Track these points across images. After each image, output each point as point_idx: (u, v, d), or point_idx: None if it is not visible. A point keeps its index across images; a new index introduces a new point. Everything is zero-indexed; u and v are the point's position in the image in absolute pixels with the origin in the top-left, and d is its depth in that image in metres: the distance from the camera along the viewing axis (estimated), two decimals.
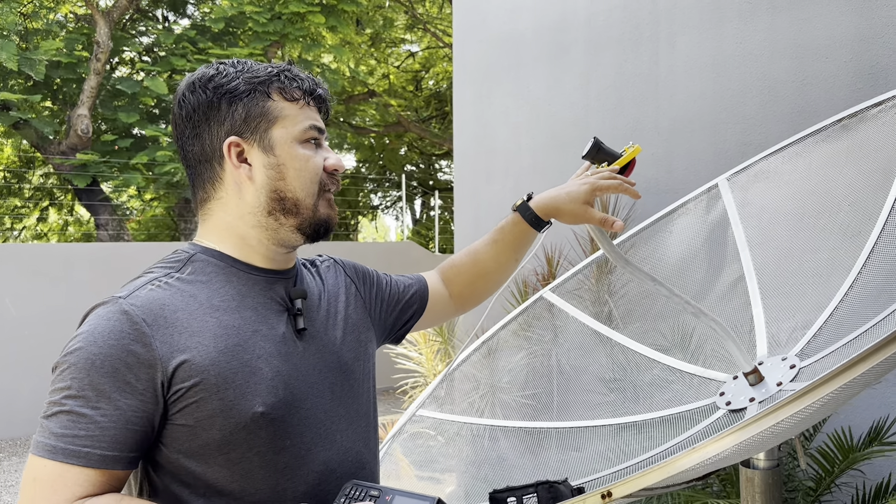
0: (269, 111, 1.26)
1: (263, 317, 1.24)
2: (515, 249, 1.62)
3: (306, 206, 1.27)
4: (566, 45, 4.80)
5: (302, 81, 1.30)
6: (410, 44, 16.99)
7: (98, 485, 1.10)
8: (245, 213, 1.27)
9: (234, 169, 1.26)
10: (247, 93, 1.25)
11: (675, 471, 0.91)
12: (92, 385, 1.10)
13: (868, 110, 1.88)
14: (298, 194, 1.27)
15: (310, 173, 1.27)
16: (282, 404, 1.20)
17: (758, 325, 1.79)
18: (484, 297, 1.70)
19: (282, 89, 1.27)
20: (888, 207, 1.69)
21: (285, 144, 1.26)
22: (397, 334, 1.61)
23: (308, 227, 1.29)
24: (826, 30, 3.55)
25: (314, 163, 1.28)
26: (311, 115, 1.30)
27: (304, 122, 1.28)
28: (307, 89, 1.30)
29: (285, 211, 1.27)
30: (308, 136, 1.28)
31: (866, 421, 3.18)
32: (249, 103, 1.25)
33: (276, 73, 1.28)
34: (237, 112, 1.25)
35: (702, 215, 2.13)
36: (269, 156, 1.26)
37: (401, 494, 1.10)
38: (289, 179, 1.26)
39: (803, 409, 0.90)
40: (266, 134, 1.26)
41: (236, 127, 1.25)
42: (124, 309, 1.14)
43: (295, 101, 1.28)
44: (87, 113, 11.15)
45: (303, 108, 1.29)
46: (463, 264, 1.66)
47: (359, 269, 1.54)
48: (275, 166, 1.26)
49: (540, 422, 2.11)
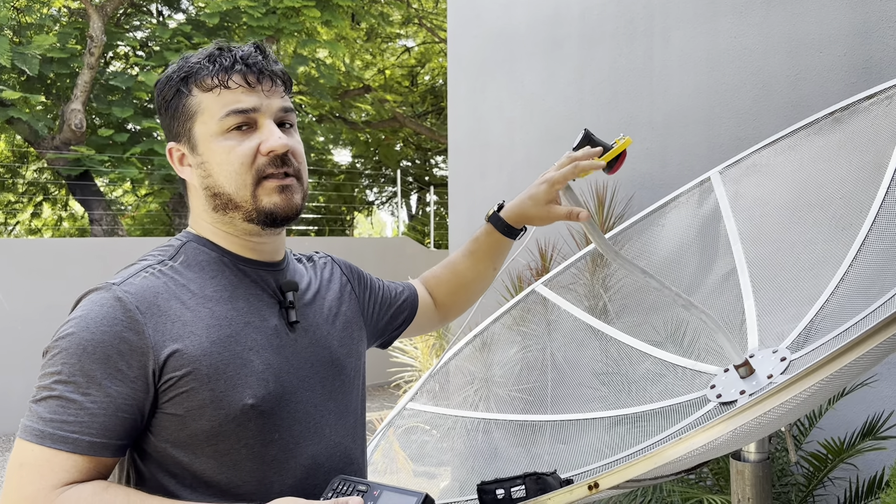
0: (188, 108, 1.22)
1: (255, 308, 1.24)
2: (492, 259, 1.63)
3: (243, 199, 1.21)
4: (560, 39, 4.79)
5: (218, 64, 1.21)
6: (406, 39, 16.96)
7: (85, 471, 1.10)
8: (202, 212, 1.27)
9: (180, 172, 1.27)
10: (172, 95, 1.23)
11: (661, 461, 0.91)
12: (83, 371, 1.09)
13: (860, 103, 1.88)
14: (227, 189, 1.21)
15: (233, 165, 1.20)
16: (272, 397, 1.19)
17: (749, 318, 1.79)
18: (465, 307, 1.72)
19: (197, 81, 1.21)
20: (879, 200, 1.69)
21: (206, 140, 1.21)
22: (387, 338, 1.61)
23: (256, 218, 1.22)
24: (820, 24, 3.55)
25: (238, 152, 1.20)
26: (229, 99, 1.20)
27: (221, 111, 1.20)
28: (226, 67, 1.20)
29: (224, 206, 1.23)
30: (227, 125, 1.20)
31: (860, 416, 3.18)
32: (175, 104, 1.23)
33: (195, 63, 1.22)
34: (169, 117, 1.25)
35: (694, 209, 2.13)
36: (195, 155, 1.23)
37: (388, 490, 1.10)
38: (215, 175, 1.21)
39: (789, 399, 0.90)
40: (191, 133, 1.23)
41: (172, 133, 1.26)
42: (118, 296, 1.13)
43: (211, 89, 1.20)
44: (81, 108, 11.11)
45: (220, 95, 1.20)
46: (443, 275, 1.67)
47: (354, 270, 1.54)
48: (201, 165, 1.23)
49: (533, 415, 2.11)
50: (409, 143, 17.94)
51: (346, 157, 18.96)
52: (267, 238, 1.28)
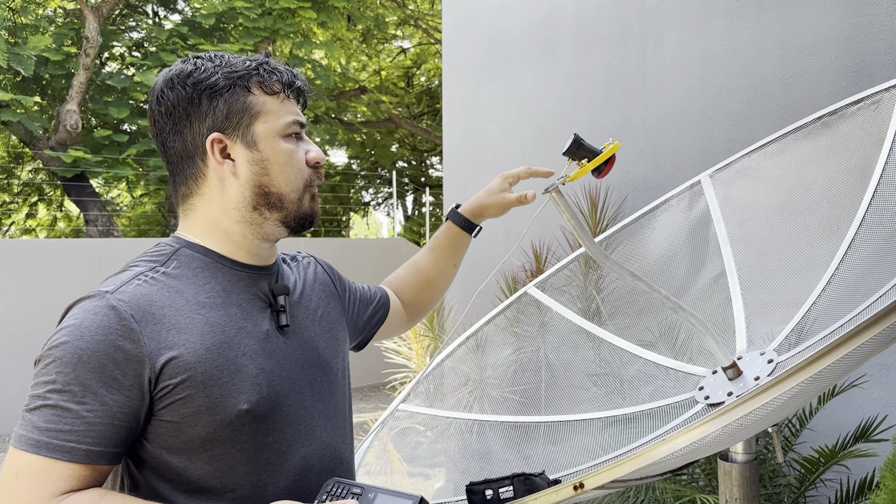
0: (251, 106, 1.25)
1: (248, 313, 1.25)
2: (452, 254, 1.72)
3: (291, 201, 1.27)
4: (555, 41, 4.81)
5: (281, 74, 1.29)
6: (402, 40, 16.97)
7: (82, 479, 1.10)
8: (229, 209, 1.26)
9: (218, 165, 1.25)
10: (227, 88, 1.24)
11: (646, 462, 0.93)
12: (78, 380, 1.09)
13: (848, 108, 1.90)
14: (283, 189, 1.27)
15: (294, 168, 1.27)
16: (265, 401, 1.21)
17: (738, 321, 1.80)
18: (430, 305, 1.78)
19: (261, 83, 1.26)
20: (865, 204, 1.71)
21: (268, 139, 1.26)
22: (361, 339, 1.64)
23: (292, 221, 1.29)
24: (812, 28, 3.57)
25: (297, 157, 1.28)
26: (291, 108, 1.29)
27: (286, 117, 1.27)
28: (286, 82, 1.29)
29: (270, 206, 1.26)
30: (290, 130, 1.28)
31: (851, 417, 3.21)
32: (230, 98, 1.24)
33: (254, 66, 1.27)
34: (218, 108, 1.24)
35: (684, 212, 2.14)
36: (253, 151, 1.25)
37: (383, 492, 1.11)
38: (273, 174, 1.26)
39: (771, 400, 0.92)
40: (248, 129, 1.25)
41: (218, 123, 1.24)
42: (112, 304, 1.13)
43: (275, 94, 1.27)
44: (77, 108, 11.10)
45: (283, 102, 1.28)
46: (407, 275, 1.75)
47: (335, 271, 1.57)
48: (259, 161, 1.25)
49: (527, 416, 2.12)
50: (405, 144, 17.95)
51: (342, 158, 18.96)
52: (271, 245, 1.33)
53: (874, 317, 0.93)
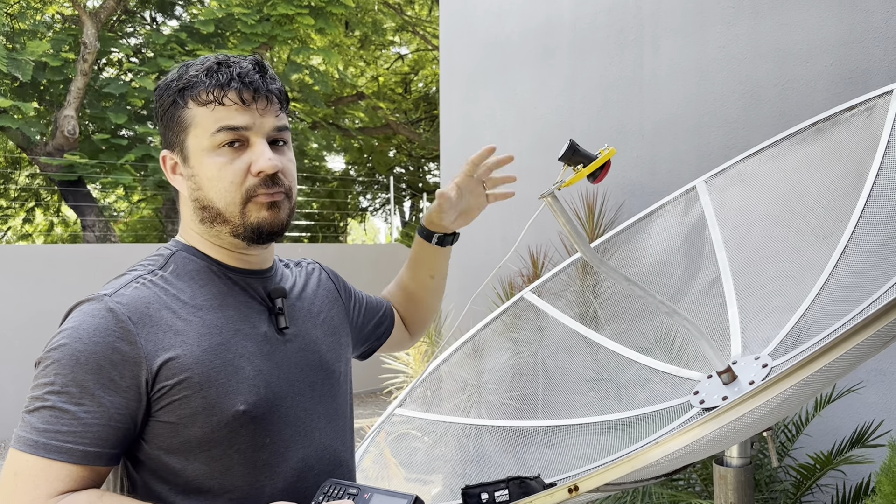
0: (183, 120, 1.23)
1: (245, 315, 1.26)
2: (428, 268, 1.68)
3: (231, 214, 1.23)
4: (552, 48, 4.83)
5: (215, 79, 1.21)
6: (399, 46, 17.01)
7: (79, 480, 1.11)
8: (190, 221, 1.29)
9: (172, 180, 1.29)
10: (170, 103, 1.24)
11: (640, 465, 0.94)
12: (76, 381, 1.11)
13: (842, 114, 1.91)
14: (217, 204, 1.23)
15: (224, 182, 1.21)
16: (263, 402, 1.21)
17: (733, 326, 1.81)
18: (424, 320, 1.76)
19: (193, 95, 1.22)
20: (859, 209, 1.72)
21: (197, 154, 1.23)
22: (367, 348, 1.64)
23: (244, 234, 1.24)
24: (807, 34, 3.59)
25: (229, 171, 1.21)
26: (222, 115, 1.21)
27: (212, 126, 1.20)
28: (222, 83, 1.21)
29: (213, 219, 1.24)
30: (218, 141, 1.21)
31: (847, 422, 3.22)
32: (171, 113, 1.25)
33: (193, 75, 1.23)
34: (165, 125, 1.26)
35: (680, 217, 2.16)
36: (187, 167, 1.25)
37: (379, 492, 1.12)
38: (205, 189, 1.23)
39: (764, 403, 0.92)
40: (184, 144, 1.24)
41: (166, 140, 1.27)
42: (110, 307, 1.15)
43: (204, 104, 1.21)
44: (74, 114, 11.11)
45: (214, 110, 1.21)
46: (394, 292, 1.74)
47: (340, 279, 1.58)
48: (191, 177, 1.25)
49: (524, 421, 2.13)
50: (403, 149, 17.97)
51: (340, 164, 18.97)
52: (254, 250, 1.30)
53: (865, 320, 0.94)
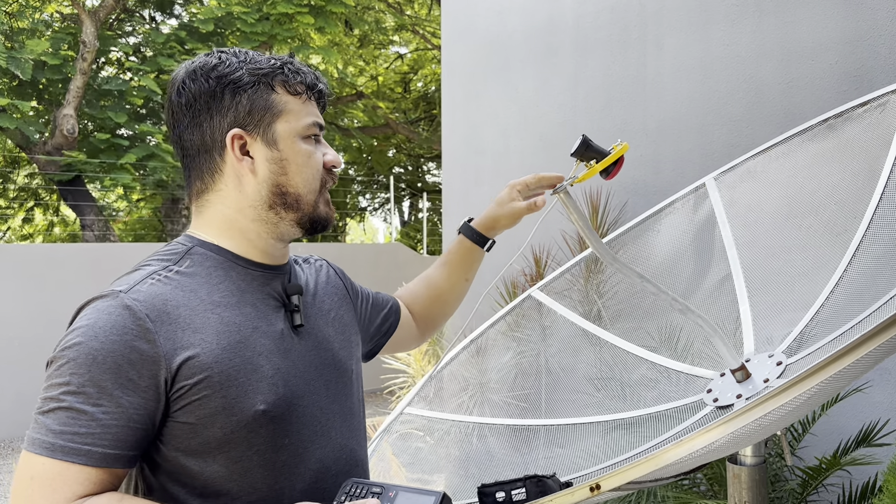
0: (274, 104, 1.25)
1: (262, 313, 1.23)
2: (465, 269, 1.70)
3: (307, 202, 1.27)
4: (554, 46, 4.82)
5: (305, 75, 1.29)
6: (399, 46, 17.00)
7: (98, 483, 1.08)
8: (245, 207, 1.25)
9: (237, 161, 1.24)
10: (251, 84, 1.23)
11: (662, 463, 0.92)
12: (93, 381, 1.07)
13: (853, 110, 1.89)
14: (300, 190, 1.26)
15: (312, 169, 1.27)
16: (282, 402, 1.19)
17: (745, 323, 1.80)
18: (441, 321, 1.76)
19: (285, 82, 1.26)
20: (873, 206, 1.70)
21: (289, 139, 1.25)
22: (372, 347, 1.62)
23: (307, 223, 1.29)
24: (812, 33, 3.58)
25: (315, 159, 1.28)
26: (312, 110, 1.29)
27: (307, 118, 1.27)
28: (309, 83, 1.29)
29: (286, 206, 1.26)
30: (310, 131, 1.28)
31: (853, 422, 3.20)
32: (254, 95, 1.23)
33: (279, 65, 1.27)
34: (241, 104, 1.23)
35: (689, 214, 2.14)
36: (273, 150, 1.24)
37: (404, 490, 1.09)
38: (291, 174, 1.26)
39: (789, 401, 0.91)
40: (270, 127, 1.24)
41: (240, 119, 1.23)
42: (126, 304, 1.11)
43: (298, 95, 1.27)
44: (73, 113, 11.09)
45: (305, 103, 1.28)
46: (418, 289, 1.73)
47: (346, 276, 1.56)
48: (278, 161, 1.25)
49: (528, 419, 2.11)
50: (402, 149, 17.96)
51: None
52: (285, 245, 1.32)
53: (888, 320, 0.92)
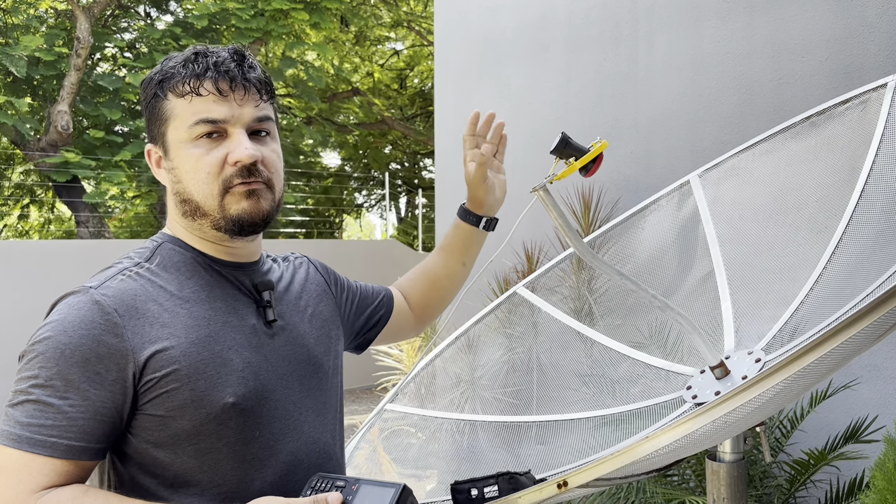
0: (162, 113, 1.23)
1: (233, 308, 1.24)
2: (461, 253, 1.68)
3: (210, 207, 1.22)
4: (546, 43, 4.81)
5: (191, 70, 1.20)
6: (395, 42, 16.98)
7: (64, 475, 1.10)
8: (175, 214, 1.28)
9: (156, 175, 1.28)
10: (152, 96, 1.24)
11: (629, 460, 0.92)
12: (61, 375, 1.09)
13: (836, 107, 1.90)
14: (195, 196, 1.22)
15: (201, 174, 1.20)
16: (252, 395, 1.20)
17: (726, 320, 1.80)
18: (439, 308, 1.74)
19: (172, 86, 1.21)
20: (853, 203, 1.71)
21: (176, 146, 1.22)
22: (362, 340, 1.62)
23: (225, 226, 1.22)
24: (802, 30, 3.58)
25: (206, 161, 1.20)
26: (200, 107, 1.20)
27: (190, 119, 1.20)
28: (198, 73, 1.20)
29: (192, 213, 1.23)
30: (196, 133, 1.20)
31: (842, 418, 3.21)
32: (153, 107, 1.24)
33: (172, 66, 1.22)
34: (148, 118, 1.26)
35: (673, 212, 2.14)
36: (167, 160, 1.25)
37: (367, 483, 1.11)
38: (184, 182, 1.22)
39: (755, 397, 0.91)
40: (164, 137, 1.24)
41: (150, 132, 1.27)
42: (96, 299, 1.13)
43: (182, 96, 1.20)
44: (68, 109, 11.06)
45: (192, 102, 1.20)
46: (416, 277, 1.71)
47: (330, 271, 1.55)
48: (172, 170, 1.24)
49: (517, 416, 2.12)
50: (398, 145, 17.95)
51: (335, 160, 18.94)
52: (239, 243, 1.28)
53: (857, 314, 0.93)
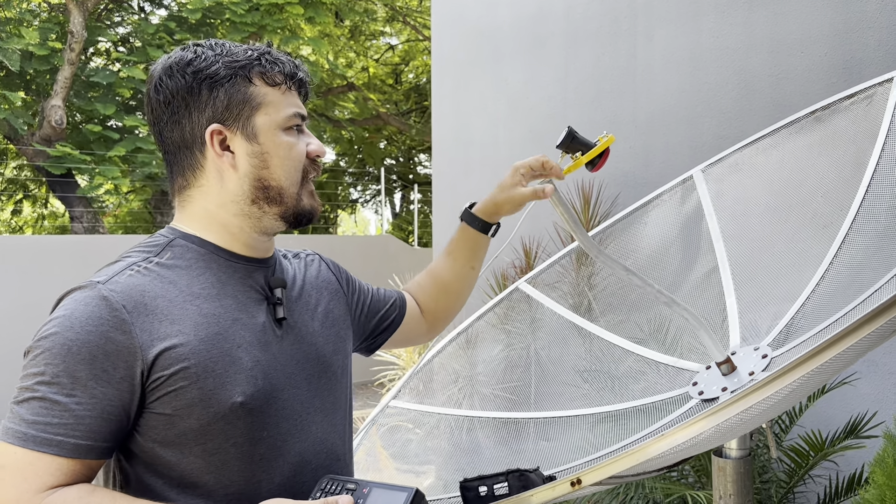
0: (252, 97, 1.22)
1: (243, 305, 1.22)
2: (469, 258, 1.64)
3: (290, 195, 1.25)
4: (544, 37, 4.80)
5: (283, 65, 1.25)
6: (390, 37, 16.93)
7: (70, 474, 1.08)
8: (227, 202, 1.24)
9: (217, 157, 1.22)
10: (228, 78, 1.21)
11: (644, 458, 0.91)
12: (67, 372, 1.07)
13: (840, 102, 1.89)
14: (283, 183, 1.24)
15: (293, 161, 1.25)
16: (260, 394, 1.18)
17: (731, 316, 1.80)
18: (450, 313, 1.71)
19: (263, 74, 1.23)
20: (859, 198, 1.70)
21: (269, 132, 1.23)
22: (372, 343, 1.59)
23: (291, 216, 1.26)
24: (801, 24, 3.57)
25: (297, 150, 1.25)
26: (293, 100, 1.26)
27: (287, 109, 1.24)
28: (288, 73, 1.25)
29: (269, 200, 1.24)
30: (291, 122, 1.25)
31: (841, 413, 3.21)
32: (231, 89, 1.21)
33: (256, 56, 1.24)
34: (219, 98, 1.21)
35: (676, 207, 2.13)
36: (253, 144, 1.22)
37: (378, 486, 1.09)
38: (273, 168, 1.23)
39: (771, 395, 0.90)
40: (249, 121, 1.22)
41: (218, 114, 1.21)
42: (103, 294, 1.11)
43: (277, 86, 1.24)
44: (61, 104, 11.00)
45: (285, 94, 1.25)
46: (424, 282, 1.68)
47: (342, 270, 1.53)
48: (258, 154, 1.23)
49: (517, 412, 2.11)
50: (394, 141, 17.92)
51: (330, 156, 18.89)
52: (269, 238, 1.29)
53: (875, 311, 0.92)
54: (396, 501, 1.04)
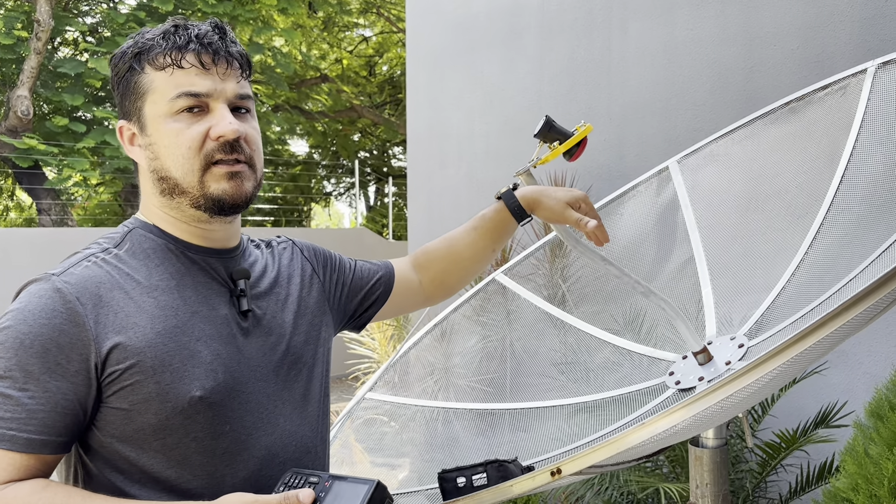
0: (139, 87, 1.17)
1: (204, 297, 1.19)
2: (494, 238, 1.57)
3: (189, 184, 1.17)
4: (519, 29, 4.79)
5: (172, 41, 1.15)
6: (364, 28, 16.83)
7: (24, 469, 1.05)
8: (150, 195, 1.22)
9: (130, 153, 1.22)
10: (126, 70, 1.18)
11: (624, 447, 0.91)
12: (20, 365, 1.05)
13: (815, 93, 1.90)
14: (174, 173, 1.17)
15: (181, 148, 1.15)
16: (221, 388, 1.15)
17: (707, 306, 1.80)
18: (456, 288, 1.64)
19: (150, 59, 1.16)
20: (833, 189, 1.71)
21: (155, 121, 1.17)
22: (358, 321, 1.54)
23: (205, 204, 1.18)
24: (774, 18, 3.60)
25: (186, 136, 1.15)
26: (181, 80, 1.15)
27: (172, 92, 1.15)
28: (179, 46, 1.15)
29: (172, 191, 1.18)
30: (177, 106, 1.15)
31: (812, 403, 3.25)
32: (127, 81, 1.18)
33: (150, 39, 1.17)
34: (120, 93, 1.20)
35: (652, 197, 2.14)
36: (144, 135, 1.19)
37: (340, 479, 1.08)
38: (162, 158, 1.17)
39: (749, 384, 0.90)
40: (141, 112, 1.18)
41: (123, 108, 1.21)
42: (57, 287, 1.08)
43: (162, 68, 1.15)
44: (28, 94, 10.79)
45: (173, 75, 1.15)
46: (438, 250, 1.60)
47: (318, 252, 1.48)
48: (149, 146, 1.18)
49: (493, 403, 2.11)
50: (367, 133, 17.83)
51: (303, 148, 18.77)
52: (217, 225, 1.23)
53: (852, 299, 0.92)
54: (358, 493, 1.03)
